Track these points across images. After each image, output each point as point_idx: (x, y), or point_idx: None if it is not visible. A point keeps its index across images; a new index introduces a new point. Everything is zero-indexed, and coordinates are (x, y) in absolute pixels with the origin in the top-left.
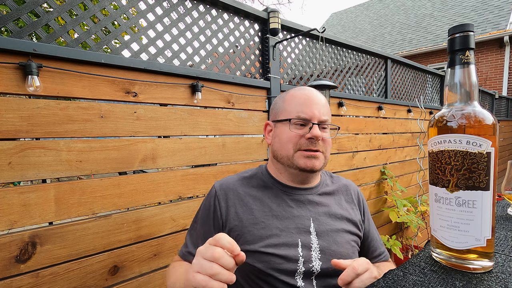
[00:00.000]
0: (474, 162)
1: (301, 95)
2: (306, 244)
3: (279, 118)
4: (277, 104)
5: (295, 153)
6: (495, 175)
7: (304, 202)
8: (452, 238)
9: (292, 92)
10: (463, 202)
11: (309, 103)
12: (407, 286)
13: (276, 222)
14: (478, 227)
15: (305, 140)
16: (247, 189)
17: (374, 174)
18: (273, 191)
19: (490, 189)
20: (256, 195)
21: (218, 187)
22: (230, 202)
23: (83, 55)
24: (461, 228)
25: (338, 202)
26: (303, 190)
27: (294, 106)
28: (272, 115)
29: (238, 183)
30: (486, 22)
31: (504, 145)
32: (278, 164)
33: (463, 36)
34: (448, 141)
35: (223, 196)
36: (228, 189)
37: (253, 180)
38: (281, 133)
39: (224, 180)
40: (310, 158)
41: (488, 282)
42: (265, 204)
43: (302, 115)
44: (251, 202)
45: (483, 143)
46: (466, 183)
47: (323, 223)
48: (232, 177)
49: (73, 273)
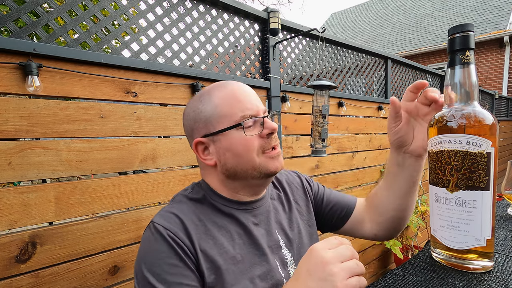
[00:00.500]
0: (474, 162)
1: (231, 91)
2: (282, 261)
3: (217, 129)
4: (203, 112)
5: (260, 159)
6: (495, 175)
7: (265, 214)
8: (452, 238)
9: (217, 92)
10: (463, 202)
11: (244, 96)
12: (407, 286)
13: (250, 249)
14: (478, 227)
15: (264, 140)
16: (206, 215)
17: (374, 174)
18: (232, 213)
19: (490, 189)
20: (218, 222)
21: (166, 222)
22: (194, 236)
23: (83, 55)
24: (461, 228)
25: (287, 198)
26: (260, 201)
27: (231, 106)
28: (199, 128)
29: (193, 209)
30: (486, 22)
31: (504, 145)
32: (236, 182)
33: (463, 36)
34: (448, 141)
35: (180, 229)
36: (184, 219)
37: (205, 205)
38: (233, 145)
39: (170, 209)
40: (276, 158)
41: (488, 282)
42: (231, 231)
43: (248, 112)
44: (216, 233)
45: (483, 143)
46: (466, 183)
47: (287, 230)
48: (179, 202)
49: (73, 273)
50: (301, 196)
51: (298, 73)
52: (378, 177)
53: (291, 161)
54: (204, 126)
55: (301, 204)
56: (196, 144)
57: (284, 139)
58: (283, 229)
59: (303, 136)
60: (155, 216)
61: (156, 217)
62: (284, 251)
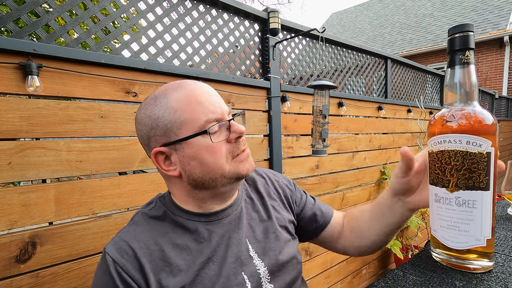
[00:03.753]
0: (474, 162)
1: (190, 92)
2: (252, 273)
3: (179, 136)
4: (160, 119)
5: (230, 165)
6: (495, 175)
7: (235, 221)
8: (452, 238)
9: (175, 95)
10: (463, 202)
11: (206, 98)
12: (407, 286)
13: (214, 267)
14: (478, 227)
15: (232, 144)
16: (165, 237)
17: (374, 174)
18: (195, 227)
19: (490, 189)
20: (179, 243)
21: (119, 256)
22: (147, 267)
23: (83, 55)
24: (461, 228)
25: (260, 201)
26: (230, 208)
27: (193, 110)
28: (157, 136)
29: (150, 232)
30: (486, 22)
31: (504, 145)
32: (204, 192)
33: (463, 36)
34: (448, 141)
35: (131, 261)
36: (136, 249)
37: (166, 223)
38: (199, 153)
39: (121, 240)
40: (246, 160)
41: (488, 282)
42: (192, 251)
43: (212, 116)
44: (174, 257)
45: (483, 143)
46: (466, 183)
47: (259, 238)
48: (136, 224)
49: (73, 273)
50: (279, 198)
51: (298, 73)
52: (378, 177)
53: (291, 161)
54: (163, 134)
55: (279, 209)
56: (155, 154)
57: (284, 139)
58: (255, 236)
59: (303, 136)
60: (109, 242)
61: (109, 244)
62: (256, 261)
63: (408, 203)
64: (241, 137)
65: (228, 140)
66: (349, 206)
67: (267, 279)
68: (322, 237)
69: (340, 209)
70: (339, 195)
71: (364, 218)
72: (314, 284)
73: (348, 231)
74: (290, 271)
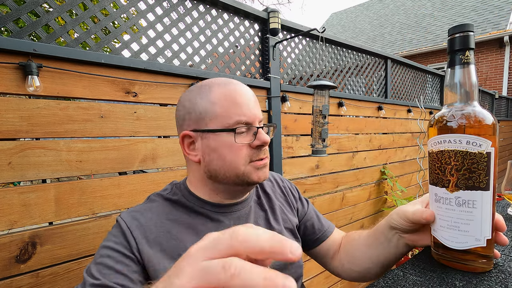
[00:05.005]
0: (474, 162)
1: (231, 91)
2: None
3: (209, 127)
4: (198, 106)
5: (245, 168)
6: (495, 175)
7: (243, 217)
8: (452, 238)
9: (217, 89)
10: (463, 202)
11: (243, 100)
12: (407, 286)
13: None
14: (478, 227)
15: (253, 150)
16: (177, 216)
17: (374, 174)
18: (208, 215)
19: (490, 189)
20: (190, 222)
21: (131, 222)
22: (151, 239)
23: (83, 55)
24: (461, 228)
25: (268, 202)
26: (240, 205)
27: (228, 107)
28: (191, 120)
29: (163, 208)
30: (486, 22)
31: (504, 145)
32: (216, 184)
33: (463, 36)
34: (448, 141)
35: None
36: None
37: (179, 206)
38: (221, 147)
39: (136, 211)
40: (261, 169)
41: (488, 282)
42: (201, 233)
43: (244, 118)
44: (182, 234)
45: (483, 143)
46: (466, 183)
47: None
48: (151, 201)
49: (73, 273)
50: (286, 201)
51: (298, 73)
52: (378, 177)
53: (291, 161)
54: (196, 119)
55: (285, 211)
56: (184, 136)
57: (284, 139)
58: None
59: (303, 136)
60: (123, 212)
61: (124, 213)
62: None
63: (406, 239)
64: (264, 146)
65: (251, 145)
66: (349, 206)
67: None
68: (316, 251)
69: (340, 209)
70: (339, 195)
71: (360, 241)
72: (314, 284)
73: (343, 254)
74: (292, 273)
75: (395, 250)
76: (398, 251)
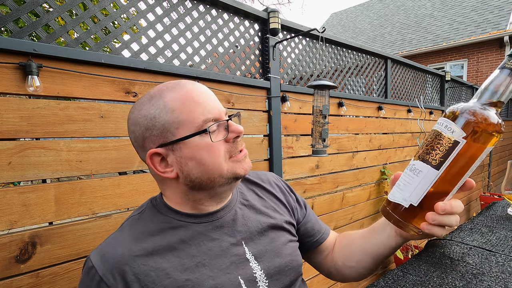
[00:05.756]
0: (439, 142)
1: (187, 92)
2: (249, 277)
3: (178, 136)
4: (157, 119)
5: (228, 165)
6: (455, 166)
7: (229, 224)
8: (393, 192)
9: (171, 95)
10: (413, 169)
11: (203, 98)
12: (407, 286)
13: (206, 271)
14: (410, 191)
15: (230, 144)
16: (148, 243)
17: (374, 174)
18: (187, 228)
19: (440, 171)
20: (165, 244)
21: (100, 264)
22: (129, 275)
23: (83, 55)
24: (401, 186)
25: (260, 202)
26: (225, 209)
27: (190, 110)
28: (154, 136)
29: (132, 245)
30: (486, 22)
31: (504, 145)
32: (201, 193)
33: None
34: (440, 123)
35: (117, 275)
36: (120, 264)
37: (153, 225)
38: (197, 153)
39: (105, 247)
40: (243, 160)
41: (488, 282)
42: (182, 252)
43: (210, 115)
44: (161, 260)
45: (457, 131)
46: (424, 156)
47: (257, 239)
48: (118, 239)
49: (73, 273)
50: (280, 201)
51: (298, 73)
52: (378, 177)
53: (291, 161)
54: (159, 134)
55: (279, 210)
56: (151, 156)
57: (284, 139)
58: (252, 238)
59: (303, 136)
60: (95, 249)
61: (93, 251)
62: (252, 264)
63: (401, 233)
64: (239, 137)
65: (226, 140)
66: (349, 206)
67: (264, 283)
68: (314, 253)
69: (340, 209)
70: (339, 195)
71: (357, 235)
72: (314, 284)
73: (338, 249)
74: (289, 274)
75: (386, 241)
76: (388, 242)
